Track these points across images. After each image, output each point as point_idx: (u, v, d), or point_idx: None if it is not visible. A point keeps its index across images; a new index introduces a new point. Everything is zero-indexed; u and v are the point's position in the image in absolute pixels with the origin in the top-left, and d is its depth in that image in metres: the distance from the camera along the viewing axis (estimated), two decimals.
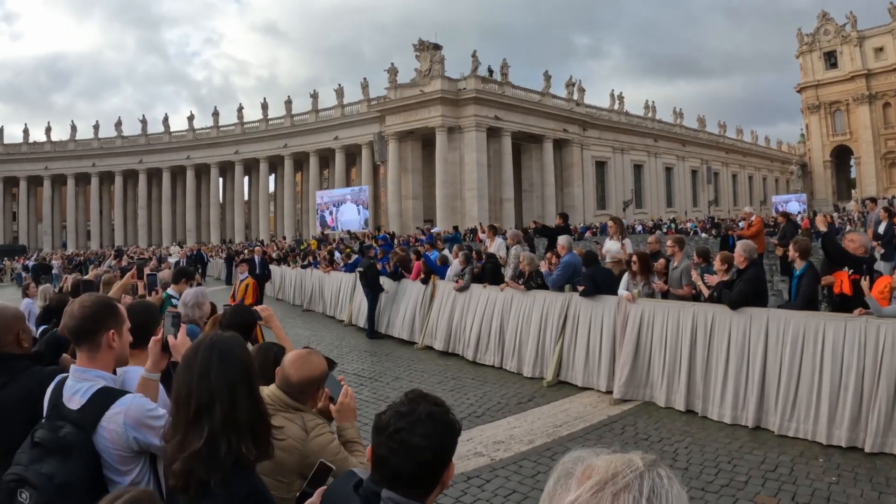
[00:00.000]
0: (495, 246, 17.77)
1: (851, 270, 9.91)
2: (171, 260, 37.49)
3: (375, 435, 2.37)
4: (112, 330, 3.41)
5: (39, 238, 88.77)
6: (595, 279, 12.19)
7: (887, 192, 79.77)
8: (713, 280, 10.39)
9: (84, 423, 3.12)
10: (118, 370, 3.61)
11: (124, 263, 24.23)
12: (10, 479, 2.99)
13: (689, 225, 61.40)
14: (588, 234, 51.87)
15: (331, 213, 61.94)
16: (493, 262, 16.18)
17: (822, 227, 12.00)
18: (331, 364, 4.13)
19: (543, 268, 13.78)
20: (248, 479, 2.73)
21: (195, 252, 47.58)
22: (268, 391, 3.88)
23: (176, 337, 4.09)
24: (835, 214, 48.23)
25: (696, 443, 8.82)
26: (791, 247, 10.29)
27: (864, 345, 8.23)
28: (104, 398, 3.20)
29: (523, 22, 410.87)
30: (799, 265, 9.99)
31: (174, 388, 2.94)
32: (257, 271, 24.54)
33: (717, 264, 10.66)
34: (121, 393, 3.27)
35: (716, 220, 59.96)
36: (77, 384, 3.27)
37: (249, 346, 5.21)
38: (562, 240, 14.02)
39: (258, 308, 5.85)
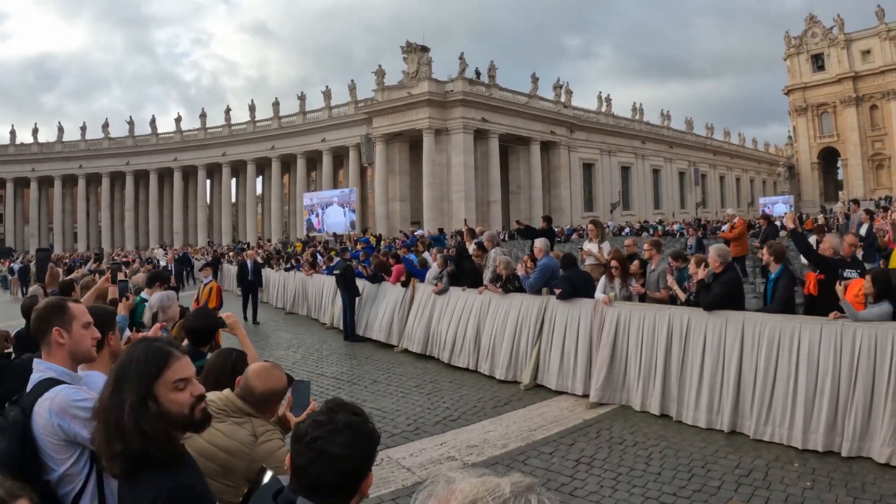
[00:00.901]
0: (472, 249, 17.72)
1: (818, 270, 9.87)
2: (161, 263, 37.29)
3: (294, 444, 2.36)
4: (56, 327, 3.56)
5: (26, 240, 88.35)
6: (573, 282, 12.12)
7: (874, 194, 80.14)
8: (693, 286, 10.28)
9: (24, 408, 3.31)
10: (80, 370, 3.73)
11: (104, 267, 23.80)
12: None
13: (675, 227, 61.47)
14: (575, 235, 51.87)
15: (317, 216, 61.91)
16: (471, 262, 16.08)
17: (790, 224, 11.90)
18: (289, 379, 4.13)
19: (520, 271, 13.69)
20: (172, 477, 2.64)
21: (181, 254, 47.49)
22: (220, 395, 3.94)
23: None
24: (820, 216, 48.34)
25: (671, 447, 8.74)
26: (765, 250, 10.21)
27: (840, 349, 8.18)
28: (43, 387, 3.36)
29: (514, 22, 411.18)
30: (774, 268, 9.91)
31: None
32: (249, 277, 24.51)
33: (692, 268, 10.55)
34: (58, 383, 3.39)
35: (702, 222, 60.02)
36: (34, 374, 3.49)
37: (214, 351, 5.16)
38: (538, 243, 13.90)
39: (223, 315, 5.79)
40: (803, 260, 12.95)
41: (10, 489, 2.23)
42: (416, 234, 37.16)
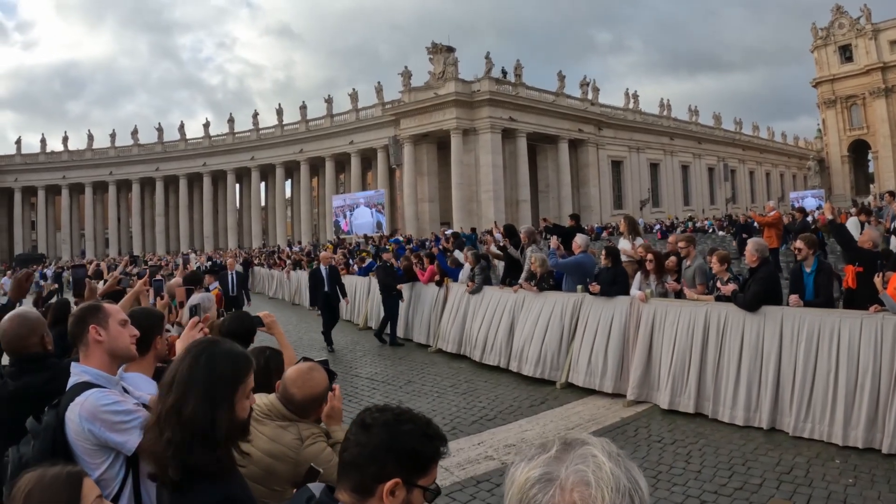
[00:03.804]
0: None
1: (857, 263, 9.70)
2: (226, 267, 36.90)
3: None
4: (92, 325, 3.57)
5: (58, 246, 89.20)
6: (618, 279, 12.06)
7: None
8: (728, 290, 10.11)
9: (58, 413, 3.33)
10: (122, 372, 3.78)
11: (132, 270, 23.25)
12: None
13: (706, 223, 61.05)
14: (604, 234, 51.63)
15: (345, 218, 62.11)
16: (510, 257, 16.18)
17: (829, 215, 11.68)
18: (332, 375, 4.06)
19: (553, 244, 13.81)
20: (222, 486, 2.65)
21: (216, 261, 47.57)
22: (265, 400, 3.91)
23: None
24: (853, 210, 47.82)
25: (710, 445, 8.69)
26: (799, 242, 9.99)
27: (880, 343, 8.06)
28: (77, 391, 3.37)
29: (541, 18, 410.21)
30: (809, 262, 9.75)
31: (161, 380, 2.98)
32: (326, 288, 18.77)
33: (715, 266, 10.42)
34: (90, 387, 3.38)
35: (733, 217, 59.57)
36: (71, 378, 3.50)
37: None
38: (579, 239, 13.91)
39: (261, 314, 5.76)
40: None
41: (71, 471, 2.34)
42: (446, 233, 37.12)
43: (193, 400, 2.69)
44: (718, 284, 10.33)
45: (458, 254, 19.49)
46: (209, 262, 38.38)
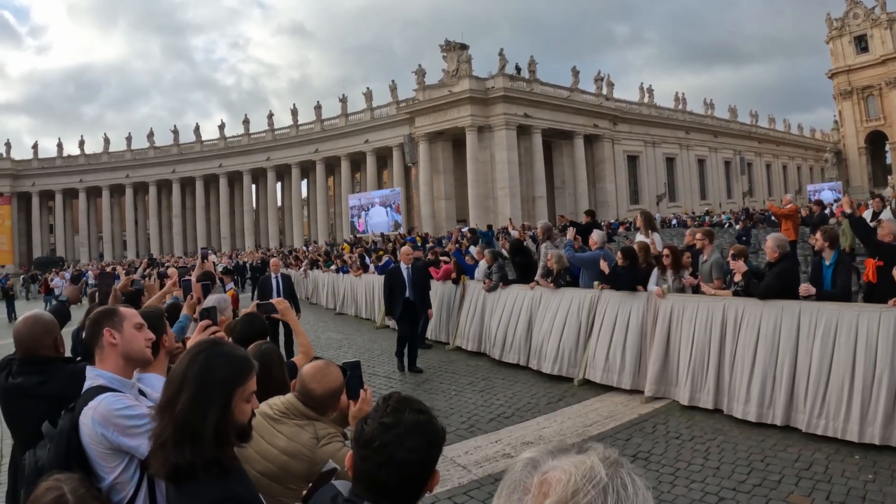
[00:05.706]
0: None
1: (877, 257, 9.60)
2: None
3: (359, 448, 2.32)
4: (106, 328, 3.60)
5: (76, 249, 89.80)
6: (637, 276, 12.02)
7: None
8: (739, 267, 10.03)
9: (73, 417, 3.34)
10: (136, 374, 3.79)
11: (150, 272, 22.90)
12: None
13: (723, 217, 60.72)
14: (621, 229, 51.41)
15: (359, 217, 62.21)
16: (525, 256, 16.09)
17: (847, 209, 11.59)
18: (344, 372, 4.07)
19: (569, 235, 13.81)
20: (223, 485, 2.66)
21: (238, 262, 47.69)
22: (283, 399, 3.98)
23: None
24: (870, 202, 47.47)
25: (729, 441, 8.64)
26: (819, 235, 9.91)
27: None
28: (91, 395, 3.37)
29: (556, 12, 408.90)
30: (828, 255, 9.65)
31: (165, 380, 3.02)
32: (408, 294, 14.55)
33: (732, 263, 10.34)
34: (105, 391, 3.39)
35: (750, 211, 59.24)
36: (86, 382, 3.52)
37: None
38: (595, 235, 13.88)
39: (274, 300, 5.79)
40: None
41: (82, 497, 2.30)
42: (462, 231, 37.15)
43: (185, 399, 2.69)
44: (735, 277, 10.27)
45: (472, 249, 19.47)
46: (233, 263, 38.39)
